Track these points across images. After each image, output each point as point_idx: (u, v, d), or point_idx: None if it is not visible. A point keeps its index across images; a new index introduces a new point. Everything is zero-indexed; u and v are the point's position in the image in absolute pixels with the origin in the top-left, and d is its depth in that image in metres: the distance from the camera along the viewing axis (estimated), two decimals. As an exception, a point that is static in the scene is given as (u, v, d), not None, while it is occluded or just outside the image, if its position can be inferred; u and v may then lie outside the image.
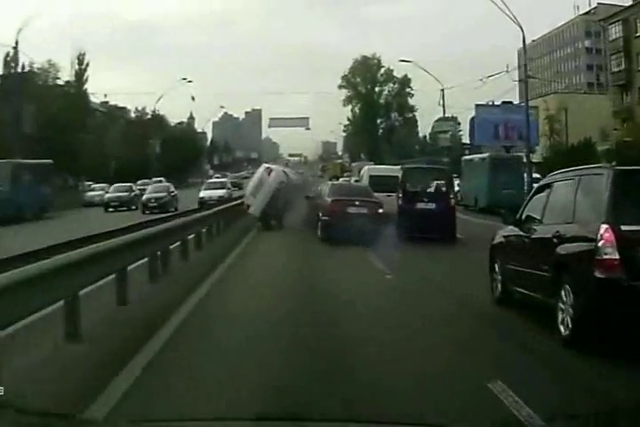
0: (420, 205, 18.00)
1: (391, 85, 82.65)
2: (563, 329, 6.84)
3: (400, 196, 18.33)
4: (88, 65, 52.62)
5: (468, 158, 37.63)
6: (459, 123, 69.17)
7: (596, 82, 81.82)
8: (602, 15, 59.81)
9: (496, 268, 9.21)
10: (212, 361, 6.04)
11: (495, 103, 47.05)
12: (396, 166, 24.94)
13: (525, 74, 35.31)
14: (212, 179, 49.36)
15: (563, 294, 6.89)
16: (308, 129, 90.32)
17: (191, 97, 68.84)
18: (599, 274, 6.41)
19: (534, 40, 79.74)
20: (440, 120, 58.70)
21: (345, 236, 16.15)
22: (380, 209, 17.57)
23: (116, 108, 68.19)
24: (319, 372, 5.73)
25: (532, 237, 8.08)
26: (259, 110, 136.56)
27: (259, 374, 5.65)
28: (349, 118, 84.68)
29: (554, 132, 53.81)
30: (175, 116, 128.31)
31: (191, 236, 14.14)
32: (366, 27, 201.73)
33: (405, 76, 79.58)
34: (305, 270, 12.66)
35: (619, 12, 51.05)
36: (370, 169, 24.56)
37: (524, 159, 33.58)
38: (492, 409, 4.75)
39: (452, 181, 20.37)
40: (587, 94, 68.43)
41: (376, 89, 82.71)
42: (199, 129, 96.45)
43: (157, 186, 37.59)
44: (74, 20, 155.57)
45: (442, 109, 50.59)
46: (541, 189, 8.55)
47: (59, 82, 50.55)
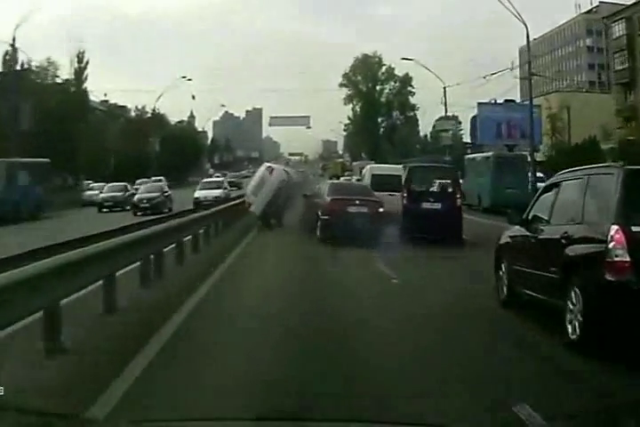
0: (426, 205, 17.60)
1: (392, 84, 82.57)
2: (571, 332, 6.73)
3: (405, 195, 17.99)
4: (88, 63, 52.41)
5: (470, 157, 37.38)
6: (459, 122, 69.18)
7: (597, 80, 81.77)
8: (603, 14, 59.74)
9: (502, 269, 9.09)
10: (205, 384, 5.40)
11: (497, 101, 47.02)
12: (398, 165, 24.73)
13: (529, 71, 35.06)
14: (208, 178, 46.46)
15: (571, 296, 6.78)
16: (308, 128, 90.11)
17: (192, 96, 69.16)
18: (609, 276, 6.31)
19: (535, 39, 79.18)
20: (442, 119, 58.58)
21: (345, 236, 15.88)
22: (381, 208, 17.30)
23: (117, 106, 68.14)
24: (330, 386, 5.35)
25: (540, 237, 7.96)
26: (259, 109, 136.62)
27: (261, 388, 5.26)
28: (350, 117, 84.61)
29: (556, 131, 53.72)
30: (176, 114, 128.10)
31: (186, 238, 13.64)
32: (367, 26, 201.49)
33: (407, 75, 79.63)
34: (308, 277, 11.83)
35: (622, 9, 50.89)
36: (372, 168, 24.23)
37: (528, 158, 33.42)
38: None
39: (458, 180, 20.03)
40: (588, 93, 68.28)
41: (377, 87, 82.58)
42: (200, 128, 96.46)
43: (150, 185, 35.61)
44: (74, 14, 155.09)
45: (442, 108, 50.57)
46: (549, 189, 8.42)
47: (58, 80, 50.38)
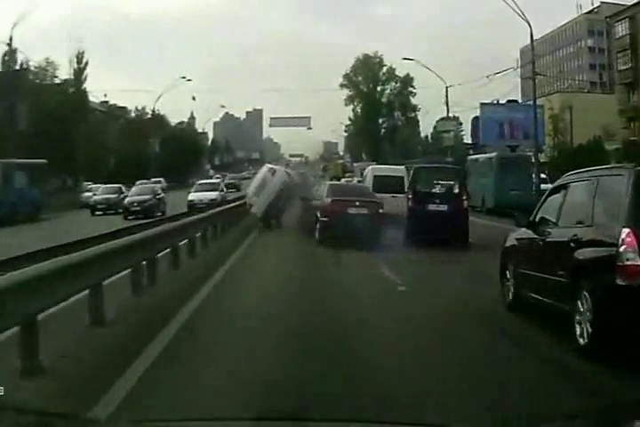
0: (432, 207, 17.36)
1: (393, 84, 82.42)
2: (580, 336, 6.57)
3: (410, 197, 17.76)
4: (87, 64, 52.28)
5: (473, 158, 37.19)
6: (460, 123, 69.00)
7: (599, 81, 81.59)
8: (605, 14, 59.61)
9: (508, 272, 8.92)
10: (205, 384, 5.15)
11: (500, 102, 46.88)
12: (400, 166, 24.52)
13: (533, 71, 34.84)
14: (204, 179, 43.78)
15: (581, 300, 6.61)
16: (309, 129, 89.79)
17: (192, 97, 68.95)
18: (620, 281, 6.15)
19: (536, 39, 79.27)
20: (443, 120, 58.40)
21: (344, 237, 15.65)
22: (381, 209, 17.15)
23: (116, 107, 68.01)
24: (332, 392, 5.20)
25: (548, 240, 7.80)
26: (260, 110, 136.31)
27: (261, 388, 5.19)
28: (351, 118, 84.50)
29: (558, 132, 53.59)
30: (176, 115, 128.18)
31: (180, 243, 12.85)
32: (367, 26, 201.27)
33: (407, 75, 79.51)
34: (311, 284, 11.37)
35: (625, 9, 50.74)
36: (374, 169, 23.96)
37: (531, 159, 33.20)
38: None
39: (464, 181, 19.77)
40: (590, 93, 68.15)
41: (378, 88, 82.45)
42: (200, 129, 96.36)
43: (142, 187, 33.48)
44: (74, 14, 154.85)
45: (443, 109, 50.46)
46: (556, 190, 8.26)
47: (57, 80, 50.22)
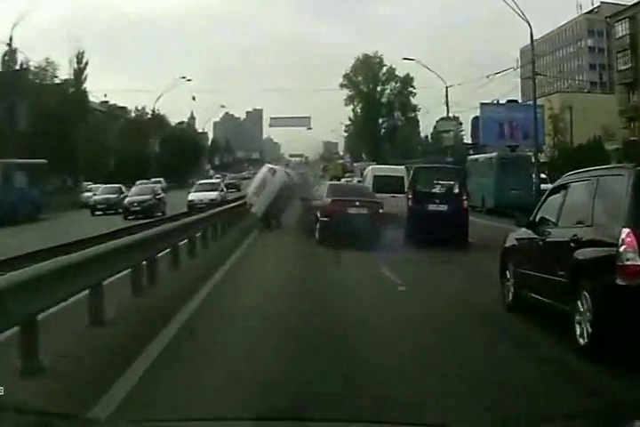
0: (432, 207, 17.35)
1: (393, 84, 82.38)
2: (580, 336, 6.57)
3: (410, 196, 17.75)
4: (87, 64, 52.23)
5: (473, 158, 37.15)
6: (460, 123, 68.96)
7: (599, 81, 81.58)
8: (605, 14, 59.58)
9: (508, 272, 8.92)
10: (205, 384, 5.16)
11: (500, 102, 46.85)
12: (400, 166, 24.50)
13: (533, 71, 34.82)
14: (204, 179, 43.69)
15: (581, 301, 6.60)
16: (309, 129, 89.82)
17: (192, 97, 68.99)
18: (620, 281, 6.14)
19: (536, 39, 79.27)
20: (443, 119, 58.39)
21: (344, 237, 15.64)
22: (381, 209, 17.16)
23: (117, 107, 68.00)
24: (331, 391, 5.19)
25: (548, 240, 7.79)
26: (260, 110, 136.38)
27: (261, 388, 5.17)
28: (351, 118, 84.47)
29: (558, 132, 53.57)
30: (176, 115, 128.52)
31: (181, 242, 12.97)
32: (367, 26, 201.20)
33: (407, 75, 79.48)
34: (311, 283, 11.30)
35: (625, 9, 50.72)
36: (374, 169, 23.94)
37: (531, 159, 33.17)
38: None
39: (464, 181, 19.75)
40: (590, 93, 68.13)
41: (378, 88, 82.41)
42: (200, 129, 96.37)
43: (141, 187, 33.44)
44: (74, 14, 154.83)
45: (443, 109, 50.40)
46: (556, 190, 8.25)
47: (57, 80, 50.18)
